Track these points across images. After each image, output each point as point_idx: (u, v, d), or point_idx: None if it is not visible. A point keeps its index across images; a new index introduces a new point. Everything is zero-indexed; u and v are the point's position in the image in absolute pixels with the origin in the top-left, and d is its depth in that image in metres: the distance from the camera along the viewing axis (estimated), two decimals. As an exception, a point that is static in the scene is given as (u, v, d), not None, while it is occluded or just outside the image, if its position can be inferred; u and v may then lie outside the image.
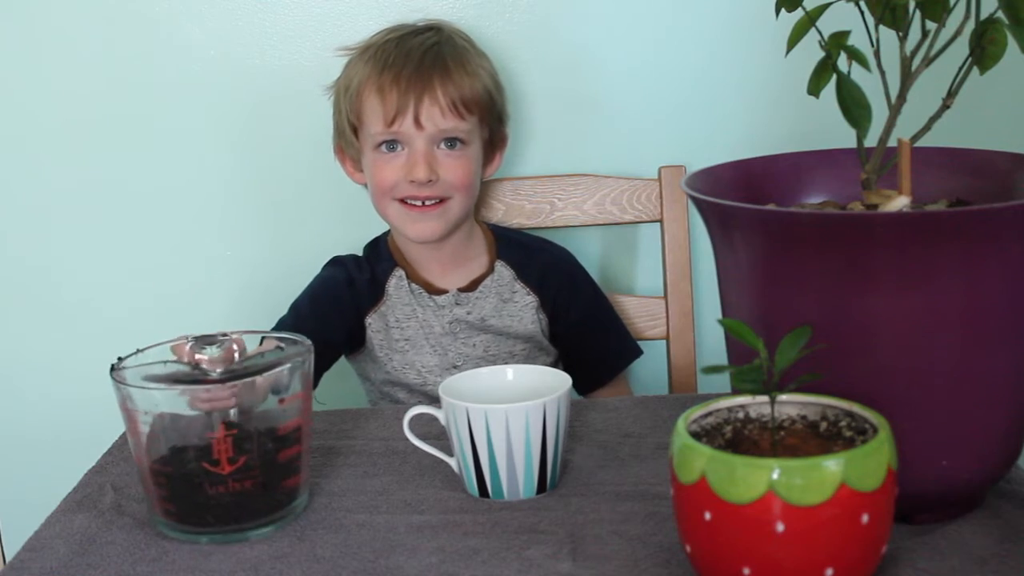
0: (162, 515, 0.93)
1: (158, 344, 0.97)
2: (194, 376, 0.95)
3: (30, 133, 1.57)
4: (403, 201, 1.35)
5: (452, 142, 1.35)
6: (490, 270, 1.43)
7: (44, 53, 1.54)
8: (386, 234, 1.46)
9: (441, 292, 1.41)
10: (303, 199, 1.59)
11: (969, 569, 0.79)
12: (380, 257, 1.45)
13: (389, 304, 1.41)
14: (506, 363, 1.36)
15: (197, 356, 0.96)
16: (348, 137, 1.40)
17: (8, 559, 1.10)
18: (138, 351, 0.96)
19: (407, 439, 1.01)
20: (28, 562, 0.89)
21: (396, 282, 1.42)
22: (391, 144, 1.35)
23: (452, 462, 0.98)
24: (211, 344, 0.97)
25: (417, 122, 1.32)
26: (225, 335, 0.98)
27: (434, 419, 0.99)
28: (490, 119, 1.39)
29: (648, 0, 1.52)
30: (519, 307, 1.42)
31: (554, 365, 1.45)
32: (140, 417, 0.91)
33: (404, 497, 0.96)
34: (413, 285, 1.41)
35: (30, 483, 1.60)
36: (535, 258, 1.45)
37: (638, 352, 1.48)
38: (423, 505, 0.95)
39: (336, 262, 1.45)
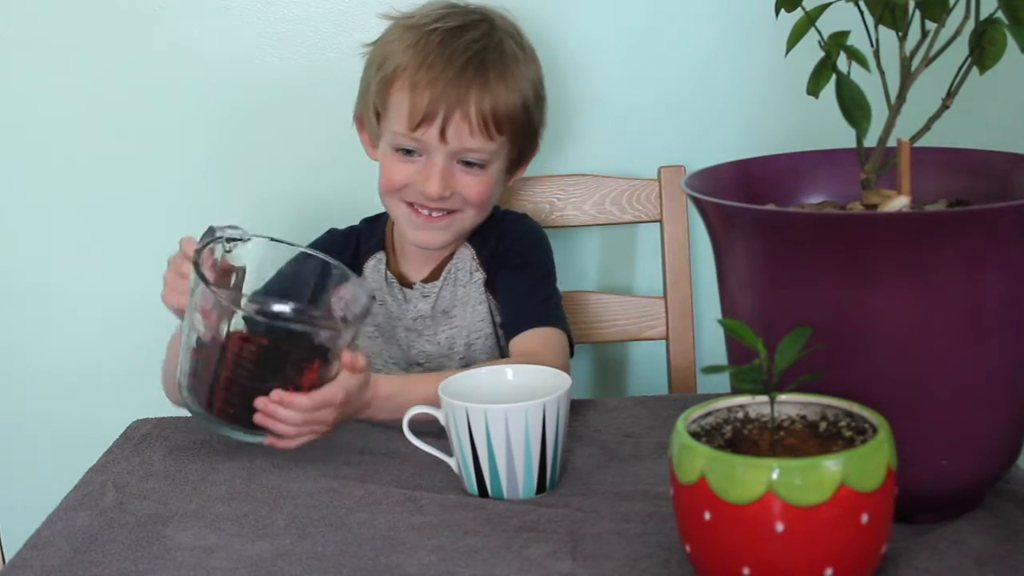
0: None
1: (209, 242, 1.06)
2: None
3: (27, 131, 1.56)
4: (411, 204, 1.28)
5: (472, 162, 1.26)
6: (453, 255, 1.35)
7: (42, 50, 1.54)
8: (387, 214, 1.37)
9: (412, 285, 1.35)
10: (302, 196, 1.59)
11: (969, 569, 0.79)
12: (372, 235, 1.38)
13: None
14: (463, 358, 1.33)
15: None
16: (370, 114, 1.31)
17: (8, 559, 1.10)
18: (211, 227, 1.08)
19: (407, 439, 1.01)
20: (30, 560, 0.89)
21: (374, 265, 1.36)
22: (410, 148, 1.26)
23: (452, 462, 0.98)
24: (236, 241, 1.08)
25: (442, 135, 1.23)
26: (249, 237, 1.10)
27: (434, 419, 0.99)
28: (521, 137, 1.30)
29: (648, 0, 1.52)
30: (473, 288, 1.33)
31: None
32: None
33: (404, 496, 0.96)
34: (389, 274, 1.35)
35: (30, 482, 1.60)
36: (494, 230, 1.34)
37: (561, 326, 1.27)
38: (423, 504, 0.95)
39: (326, 235, 1.38)
